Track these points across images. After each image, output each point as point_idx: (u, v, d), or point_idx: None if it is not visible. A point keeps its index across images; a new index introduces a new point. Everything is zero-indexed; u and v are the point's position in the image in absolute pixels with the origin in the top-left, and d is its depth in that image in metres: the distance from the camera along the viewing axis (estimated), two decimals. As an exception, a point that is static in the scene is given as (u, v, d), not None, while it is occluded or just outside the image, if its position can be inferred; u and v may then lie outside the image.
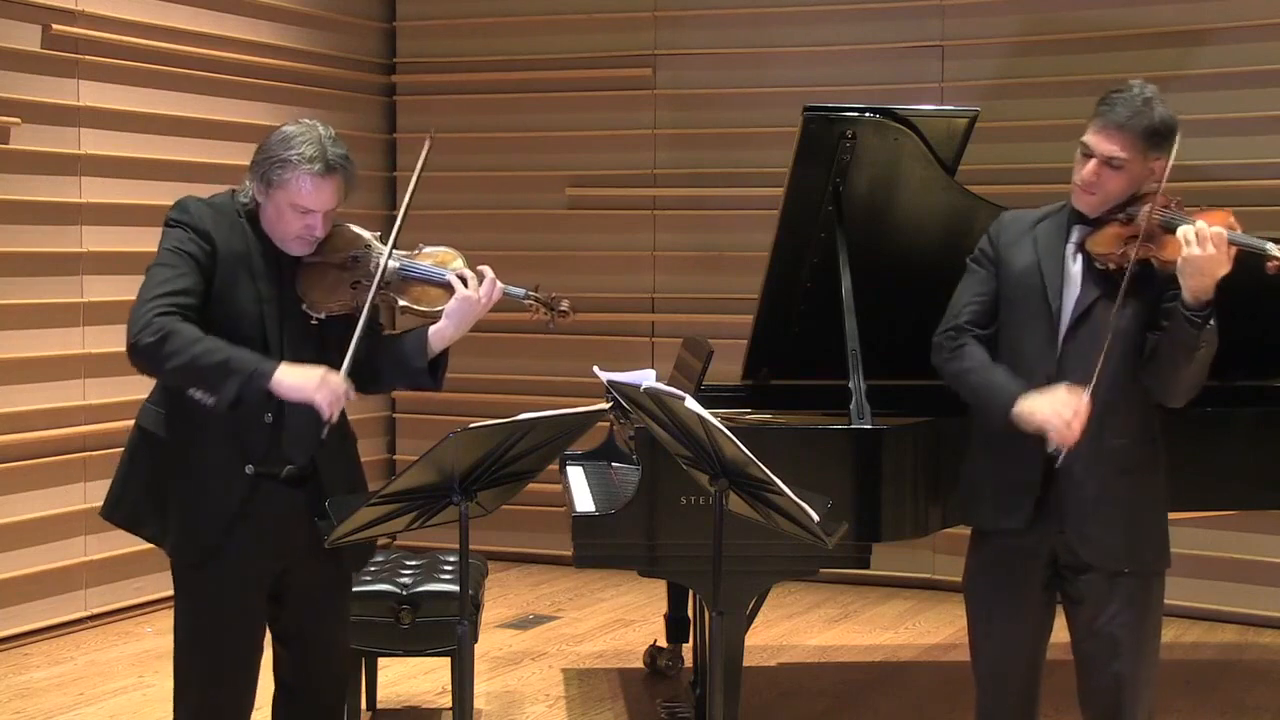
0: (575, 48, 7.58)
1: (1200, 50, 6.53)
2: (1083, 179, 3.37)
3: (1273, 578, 6.35)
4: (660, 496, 4.07)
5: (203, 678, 3.44)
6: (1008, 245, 3.51)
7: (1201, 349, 3.23)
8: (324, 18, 7.44)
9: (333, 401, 3.25)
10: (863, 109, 4.48)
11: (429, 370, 3.47)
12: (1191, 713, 5.22)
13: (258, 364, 3.23)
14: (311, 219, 3.34)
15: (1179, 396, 3.36)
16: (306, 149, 3.30)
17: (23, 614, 5.99)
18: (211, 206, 3.39)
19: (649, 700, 5.33)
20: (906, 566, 6.52)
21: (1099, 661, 3.46)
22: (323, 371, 3.26)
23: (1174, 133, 3.37)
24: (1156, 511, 3.49)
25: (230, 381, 3.21)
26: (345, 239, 3.47)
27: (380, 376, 3.53)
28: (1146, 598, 3.47)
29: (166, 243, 3.35)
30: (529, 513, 6.93)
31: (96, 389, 6.23)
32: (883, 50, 7.06)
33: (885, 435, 4.16)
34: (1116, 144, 3.33)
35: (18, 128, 5.91)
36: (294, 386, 3.24)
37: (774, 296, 4.82)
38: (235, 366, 3.21)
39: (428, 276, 3.47)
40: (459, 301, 3.42)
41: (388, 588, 4.64)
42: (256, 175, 3.35)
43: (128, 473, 3.45)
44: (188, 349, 3.19)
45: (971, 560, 3.62)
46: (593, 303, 7.47)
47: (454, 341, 3.47)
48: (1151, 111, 3.35)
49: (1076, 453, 3.31)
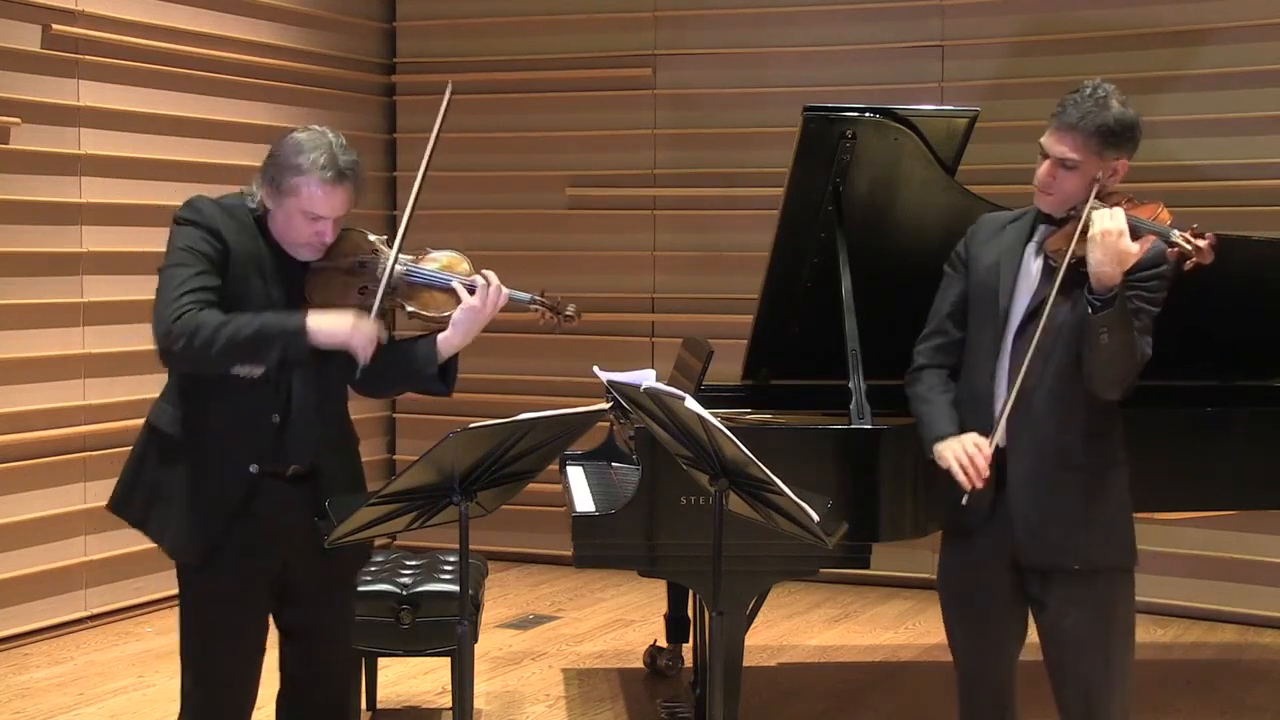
0: (575, 48, 7.58)
1: (1200, 50, 6.53)
2: (1039, 180, 3.43)
3: (1273, 578, 6.35)
4: (660, 496, 4.07)
5: (206, 675, 3.44)
6: (978, 246, 3.56)
7: (1104, 335, 3.24)
8: (324, 18, 7.44)
9: (366, 345, 3.30)
10: (863, 109, 4.48)
11: (439, 376, 3.48)
12: (1191, 713, 5.23)
13: (288, 322, 3.28)
14: (321, 225, 3.36)
15: (1102, 386, 3.34)
16: (317, 156, 3.31)
17: (23, 614, 5.99)
18: (222, 207, 3.40)
19: (649, 700, 5.33)
20: (906, 566, 6.52)
21: (1065, 664, 3.46)
22: (353, 317, 3.30)
23: (1132, 130, 3.37)
24: (1112, 508, 3.45)
25: (271, 347, 3.26)
26: (353, 244, 3.47)
27: (387, 381, 3.54)
28: (1109, 597, 3.45)
29: (179, 242, 3.34)
30: (529, 513, 6.93)
31: (96, 389, 6.23)
32: (883, 50, 7.06)
33: (885, 435, 4.16)
34: (1068, 145, 3.36)
35: (18, 128, 5.92)
36: (330, 333, 3.29)
37: (774, 296, 4.82)
38: (269, 332, 3.26)
39: (433, 282, 3.47)
40: (464, 311, 3.43)
41: (388, 588, 4.64)
42: (266, 181, 3.36)
43: (137, 469, 3.46)
44: (219, 334, 3.22)
45: (940, 560, 3.65)
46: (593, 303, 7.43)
47: (462, 348, 3.48)
48: (1104, 111, 3.35)
49: (1021, 427, 3.36)
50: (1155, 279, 3.32)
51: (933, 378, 3.58)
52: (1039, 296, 3.39)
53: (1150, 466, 4.45)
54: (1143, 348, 3.30)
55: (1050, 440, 3.39)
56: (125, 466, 3.49)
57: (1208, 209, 6.27)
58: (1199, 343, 4.83)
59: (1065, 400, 3.38)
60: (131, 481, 3.47)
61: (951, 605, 3.64)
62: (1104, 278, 3.22)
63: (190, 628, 3.46)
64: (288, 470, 3.40)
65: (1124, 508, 3.47)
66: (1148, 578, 6.19)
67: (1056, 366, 3.35)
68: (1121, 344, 3.26)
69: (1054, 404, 3.37)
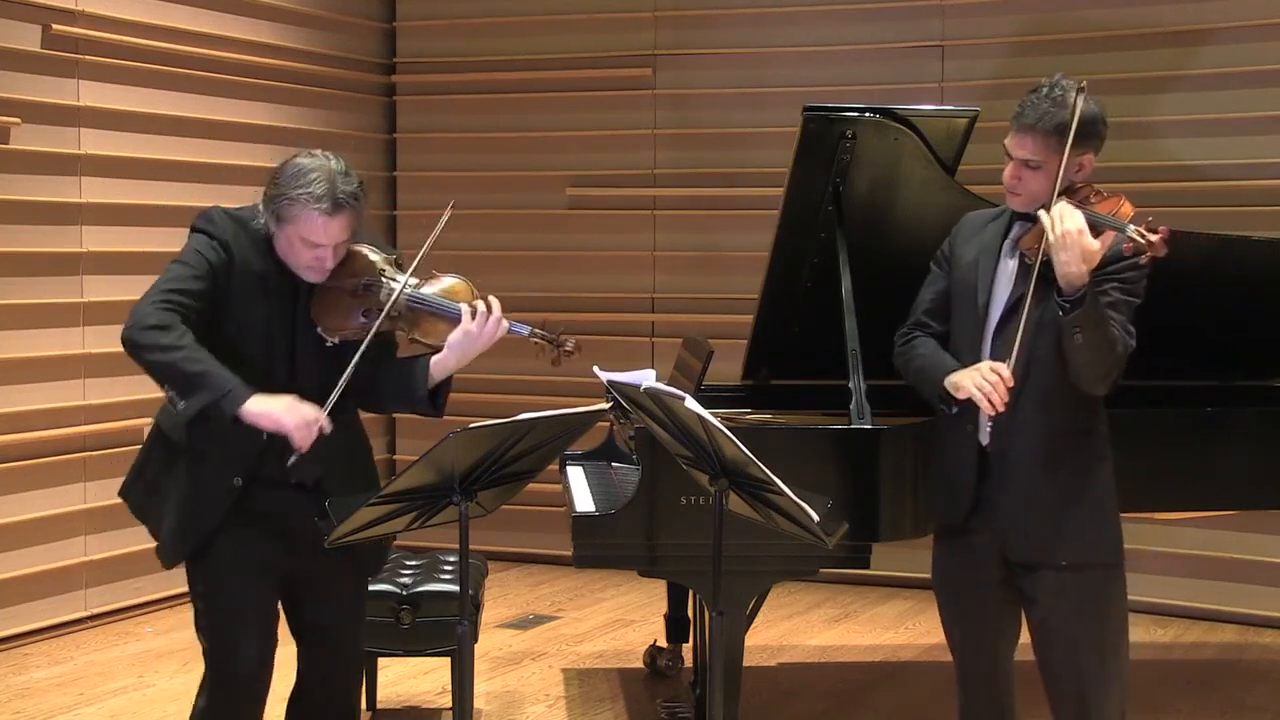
0: (575, 48, 7.58)
1: (1200, 50, 6.53)
2: (1006, 181, 3.45)
3: (1273, 578, 6.35)
4: (660, 496, 4.07)
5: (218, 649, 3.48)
6: (961, 244, 3.59)
7: (1078, 335, 3.23)
8: (324, 18, 7.44)
9: (303, 432, 3.26)
10: (863, 109, 4.48)
11: (430, 398, 3.49)
12: (1191, 713, 5.23)
13: (233, 388, 3.23)
14: (321, 252, 3.38)
15: (1087, 383, 3.33)
16: (316, 187, 3.32)
17: (23, 614, 5.99)
18: (236, 220, 3.44)
19: (649, 700, 5.33)
20: (906, 566, 6.51)
21: (1056, 661, 3.46)
22: (290, 400, 3.28)
23: (1093, 125, 3.37)
24: (1099, 504, 3.45)
25: (200, 394, 3.23)
26: (360, 264, 3.48)
27: (382, 401, 3.61)
28: (1099, 593, 3.45)
29: (190, 244, 3.41)
30: (529, 513, 6.93)
31: (96, 389, 6.23)
32: (883, 50, 7.06)
33: (885, 435, 4.16)
34: (1028, 147, 3.37)
35: (18, 128, 5.91)
36: (262, 414, 3.24)
37: (774, 296, 4.82)
38: (210, 382, 3.22)
39: (436, 309, 3.48)
40: (461, 334, 3.44)
41: (388, 588, 4.64)
42: (268, 207, 3.39)
43: (143, 462, 3.53)
44: (175, 348, 3.21)
45: (934, 559, 3.66)
46: (593, 303, 7.48)
47: (456, 371, 3.49)
48: (1061, 110, 3.34)
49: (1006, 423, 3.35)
50: (1129, 269, 3.32)
51: (928, 341, 3.59)
52: (1016, 294, 3.40)
53: (1150, 466, 4.48)
54: (1124, 340, 3.29)
55: (1037, 437, 3.40)
56: (136, 459, 3.56)
57: (1208, 209, 6.28)
58: (1199, 343, 4.84)
59: (1050, 397, 3.38)
60: (137, 472, 3.54)
61: (947, 603, 3.65)
62: (1071, 278, 3.22)
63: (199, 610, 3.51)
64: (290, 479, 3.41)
65: (1111, 503, 3.47)
66: (1148, 578, 6.23)
67: (1040, 363, 3.35)
68: (1097, 340, 3.26)
69: (1039, 401, 3.38)
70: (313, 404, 3.29)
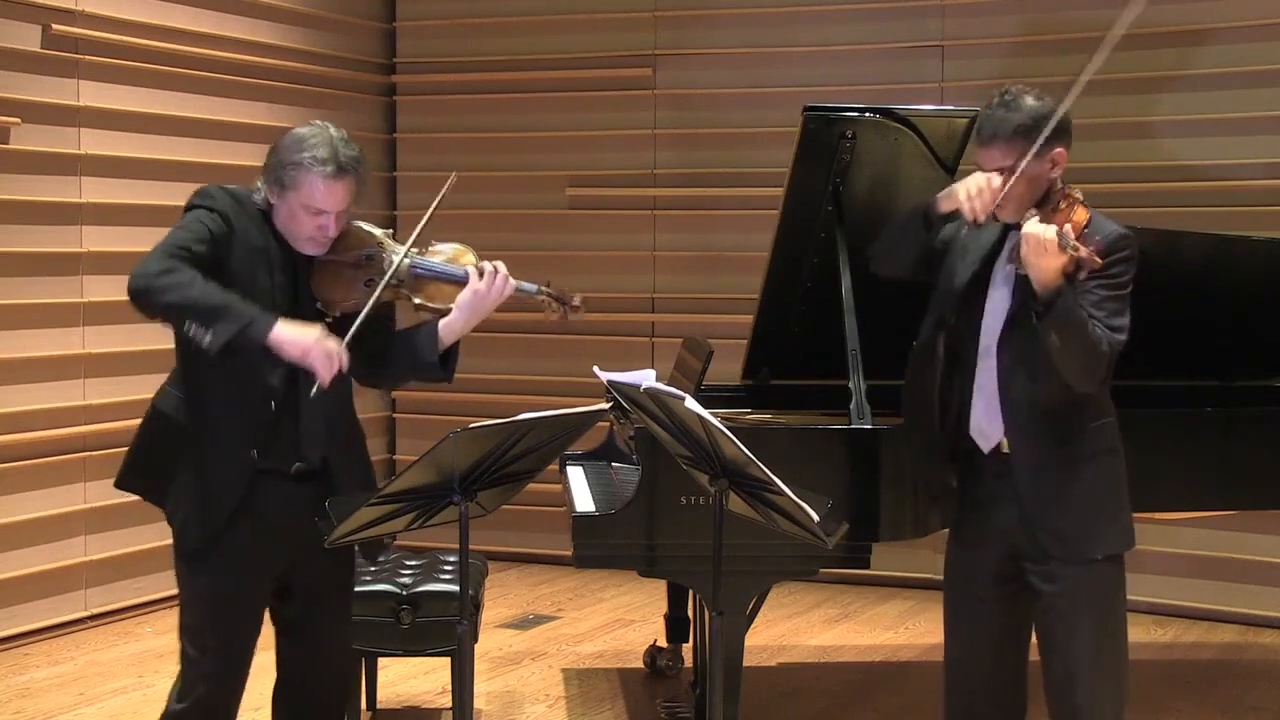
0: (575, 48, 7.58)
1: (1200, 50, 6.52)
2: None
3: (1273, 578, 6.35)
4: (660, 496, 4.07)
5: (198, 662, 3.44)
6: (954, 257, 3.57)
7: (1053, 338, 3.26)
8: (324, 18, 7.44)
9: (325, 363, 3.23)
10: (863, 109, 4.48)
11: (440, 362, 3.48)
12: (1191, 713, 5.23)
13: (258, 315, 3.21)
14: (324, 220, 3.37)
15: (1073, 381, 3.34)
16: (319, 151, 3.33)
17: (23, 614, 5.99)
18: (233, 195, 3.42)
19: (649, 700, 5.33)
20: (906, 566, 6.52)
21: (1054, 654, 3.47)
22: (320, 330, 3.26)
23: (1048, 120, 3.38)
24: (1106, 500, 3.46)
25: (228, 322, 3.17)
26: (358, 237, 3.48)
27: (390, 368, 3.55)
28: (1105, 587, 3.46)
29: (188, 216, 3.36)
30: (529, 513, 6.93)
31: (96, 389, 6.23)
32: (883, 50, 7.06)
33: (885, 435, 4.16)
34: (998, 157, 3.41)
35: (18, 128, 5.91)
36: (290, 340, 3.21)
37: (774, 296, 4.82)
38: (236, 310, 3.19)
39: (440, 274, 3.48)
40: (470, 294, 3.44)
41: (388, 588, 4.64)
42: (269, 177, 3.38)
43: (138, 445, 3.49)
44: (190, 285, 3.17)
45: (946, 557, 3.66)
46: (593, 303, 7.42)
47: (464, 334, 3.48)
48: (1015, 113, 3.41)
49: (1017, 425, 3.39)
50: (1115, 264, 3.32)
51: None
52: (1017, 299, 3.40)
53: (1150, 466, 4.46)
54: (1108, 338, 3.29)
55: (1048, 433, 3.40)
56: (130, 448, 3.51)
57: (1208, 209, 6.28)
58: (1199, 342, 4.84)
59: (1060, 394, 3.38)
60: (133, 457, 3.49)
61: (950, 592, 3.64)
62: (1040, 284, 3.26)
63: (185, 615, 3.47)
64: (294, 467, 3.40)
65: (1122, 495, 3.49)
66: (1148, 578, 6.24)
67: (1047, 363, 3.35)
68: (1074, 340, 3.27)
69: (1049, 398, 3.38)
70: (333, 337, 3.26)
